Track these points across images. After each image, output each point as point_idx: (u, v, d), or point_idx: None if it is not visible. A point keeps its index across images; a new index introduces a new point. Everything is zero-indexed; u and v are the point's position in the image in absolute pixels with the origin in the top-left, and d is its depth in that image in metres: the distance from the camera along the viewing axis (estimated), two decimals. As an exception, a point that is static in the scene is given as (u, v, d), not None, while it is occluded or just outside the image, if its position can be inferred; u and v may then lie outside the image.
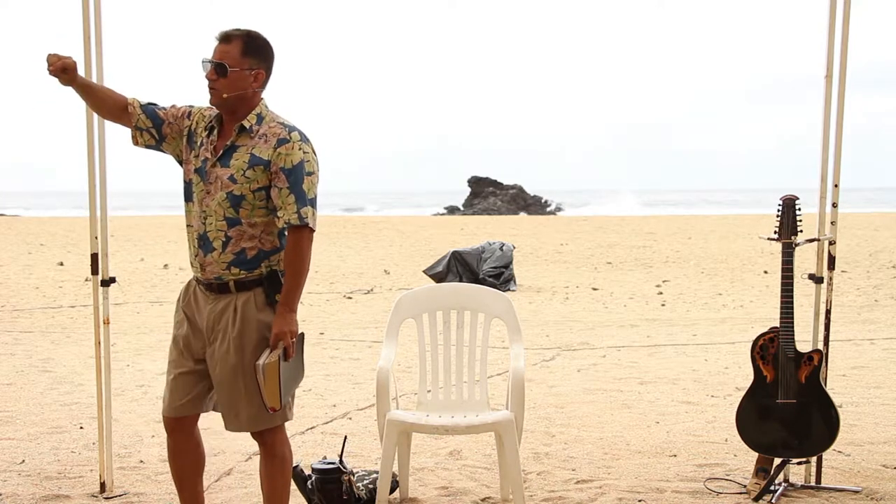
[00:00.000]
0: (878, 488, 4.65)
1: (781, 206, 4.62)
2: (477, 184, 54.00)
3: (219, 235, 3.49)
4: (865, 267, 16.80)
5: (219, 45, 3.48)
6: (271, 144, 3.47)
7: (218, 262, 3.50)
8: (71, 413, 6.31)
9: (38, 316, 11.51)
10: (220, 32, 3.49)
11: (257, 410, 3.52)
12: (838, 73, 4.60)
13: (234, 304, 3.51)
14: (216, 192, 3.47)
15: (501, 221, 36.81)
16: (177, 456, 3.76)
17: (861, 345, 9.13)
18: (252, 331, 3.50)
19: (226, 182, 3.47)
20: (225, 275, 3.50)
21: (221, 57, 3.45)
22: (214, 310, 3.53)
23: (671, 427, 5.94)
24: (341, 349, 9.03)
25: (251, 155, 3.47)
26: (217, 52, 3.47)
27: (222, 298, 3.53)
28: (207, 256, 3.51)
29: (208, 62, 3.46)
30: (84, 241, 15.50)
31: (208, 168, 3.51)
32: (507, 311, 4.75)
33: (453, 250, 15.41)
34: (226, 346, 3.50)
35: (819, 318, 4.74)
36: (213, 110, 3.59)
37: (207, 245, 3.50)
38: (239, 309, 3.50)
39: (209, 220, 3.50)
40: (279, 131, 3.48)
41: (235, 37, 3.47)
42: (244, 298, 3.51)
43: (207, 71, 3.46)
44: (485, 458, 5.26)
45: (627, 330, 10.47)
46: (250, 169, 3.45)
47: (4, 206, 56.75)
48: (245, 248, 3.49)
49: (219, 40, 3.48)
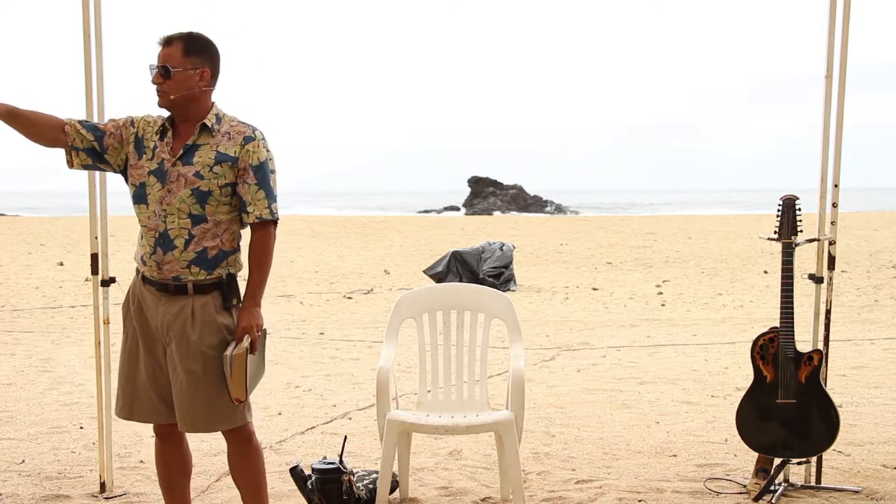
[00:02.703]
0: (878, 488, 4.65)
1: (781, 206, 4.62)
2: (477, 184, 54.04)
3: (181, 233, 3.51)
4: (865, 267, 16.80)
5: (161, 50, 3.54)
6: (237, 142, 3.55)
7: (178, 261, 3.51)
8: (71, 413, 6.31)
9: (38, 316, 11.51)
10: (162, 37, 3.55)
11: (216, 412, 3.56)
12: (838, 73, 4.60)
13: (190, 306, 3.53)
14: (179, 189, 3.50)
15: (501, 221, 36.81)
16: (166, 461, 3.80)
17: (861, 345, 9.13)
18: (212, 333, 3.53)
19: (191, 179, 3.50)
20: (184, 274, 3.52)
21: (164, 60, 3.51)
22: (168, 311, 3.54)
23: (671, 427, 5.94)
24: (341, 349, 9.03)
25: (217, 152, 3.53)
26: (160, 56, 3.53)
27: (177, 300, 3.54)
28: (167, 255, 3.52)
29: (154, 67, 3.52)
30: (84, 241, 15.50)
31: (168, 168, 3.53)
32: (507, 311, 4.75)
33: (453, 250, 15.42)
34: (184, 350, 3.52)
35: (819, 318, 4.74)
36: (158, 118, 3.63)
37: (168, 243, 3.52)
38: (197, 312, 3.52)
39: (170, 219, 3.51)
40: (244, 129, 3.57)
41: (176, 39, 3.53)
42: (202, 301, 3.54)
43: (153, 75, 3.52)
44: (485, 458, 5.26)
45: (627, 330, 10.47)
46: (217, 165, 3.51)
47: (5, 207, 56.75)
48: (207, 247, 3.52)
49: (161, 45, 3.54)
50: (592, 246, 22.65)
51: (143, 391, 3.62)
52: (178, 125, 3.59)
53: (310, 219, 40.24)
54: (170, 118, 3.60)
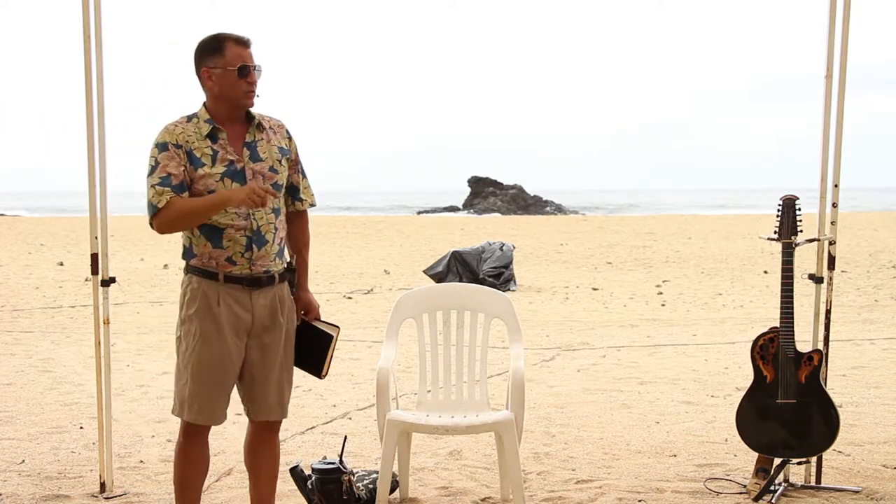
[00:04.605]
0: (878, 488, 4.65)
1: (781, 206, 4.61)
2: (477, 184, 54.04)
3: (269, 228, 3.61)
4: (865, 267, 16.80)
5: (248, 50, 3.59)
6: (283, 134, 3.71)
7: (269, 255, 3.62)
8: (71, 413, 6.31)
9: (38, 316, 11.51)
10: (244, 37, 3.59)
11: (289, 397, 3.76)
12: (838, 73, 4.60)
13: (276, 295, 3.65)
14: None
15: (501, 221, 36.82)
16: (194, 462, 3.75)
17: (861, 345, 9.13)
18: (293, 318, 3.76)
19: (268, 174, 3.61)
20: (272, 266, 3.63)
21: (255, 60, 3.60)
22: (262, 304, 3.62)
23: (671, 427, 5.94)
24: (341, 349, 9.02)
25: (278, 147, 3.66)
26: (251, 56, 3.59)
27: (267, 292, 3.63)
28: (261, 250, 3.59)
29: (259, 67, 3.59)
30: (84, 241, 15.50)
31: (240, 167, 3.58)
32: (507, 311, 4.75)
33: (453, 250, 15.42)
34: (279, 337, 3.66)
35: (819, 318, 4.74)
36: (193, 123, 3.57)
37: (261, 239, 3.59)
38: (283, 300, 3.69)
39: (258, 216, 3.58)
40: (278, 122, 3.74)
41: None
42: (281, 289, 3.69)
43: (258, 75, 3.59)
44: (485, 458, 5.26)
45: (627, 330, 10.47)
46: (283, 158, 3.67)
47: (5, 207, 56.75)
48: (282, 237, 3.70)
49: (246, 45, 3.59)
50: (592, 246, 22.65)
51: (226, 392, 3.66)
52: (226, 125, 3.60)
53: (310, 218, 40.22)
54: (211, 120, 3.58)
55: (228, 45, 3.55)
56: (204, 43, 3.58)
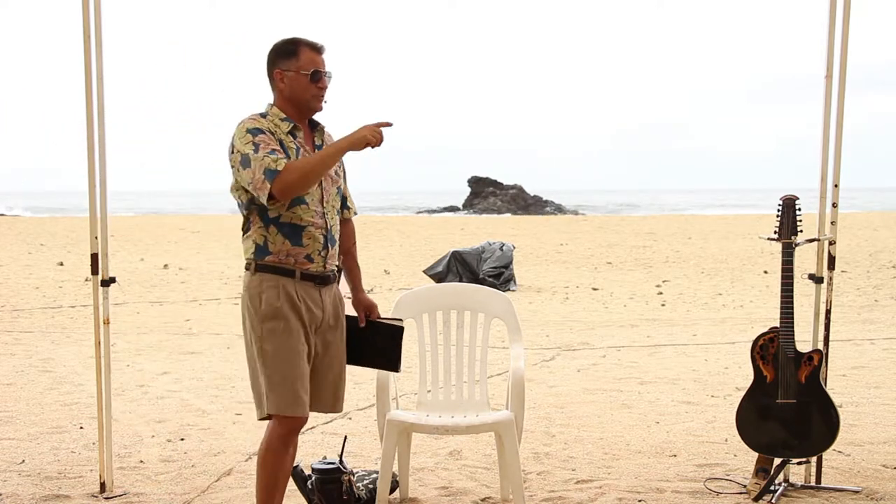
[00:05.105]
0: (878, 488, 4.65)
1: (781, 206, 4.61)
2: (477, 184, 54.02)
3: (336, 228, 3.76)
4: (865, 267, 16.80)
5: (321, 56, 3.68)
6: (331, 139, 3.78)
7: (336, 254, 3.77)
8: (71, 413, 6.31)
9: (38, 316, 11.52)
10: (318, 43, 3.68)
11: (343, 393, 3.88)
12: (838, 73, 4.60)
13: (335, 294, 3.81)
14: (330, 187, 3.72)
15: (501, 221, 36.81)
16: (282, 459, 3.72)
17: (861, 345, 9.13)
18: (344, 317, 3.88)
19: (334, 178, 3.75)
20: (335, 264, 3.78)
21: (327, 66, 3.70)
22: (329, 301, 3.75)
23: (671, 427, 5.94)
24: (341, 349, 9.01)
25: None
26: (324, 62, 3.68)
27: (331, 289, 3.77)
28: (332, 249, 3.73)
29: (330, 74, 3.68)
30: (84, 241, 15.49)
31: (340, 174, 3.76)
32: (507, 311, 4.75)
33: (453, 250, 15.42)
34: (341, 333, 3.83)
35: (819, 318, 4.74)
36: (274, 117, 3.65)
37: (332, 238, 3.73)
38: (342, 298, 3.85)
39: (329, 215, 3.70)
40: (330, 133, 3.81)
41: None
42: (336, 288, 3.83)
43: (329, 81, 3.68)
44: (485, 458, 5.26)
45: (627, 330, 10.47)
46: (340, 166, 3.80)
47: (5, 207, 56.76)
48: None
49: (322, 51, 3.68)
50: (592, 246, 22.65)
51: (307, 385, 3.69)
52: (302, 126, 3.70)
53: (310, 219, 40.20)
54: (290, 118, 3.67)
55: (303, 50, 3.65)
56: (279, 45, 3.68)
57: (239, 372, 7.84)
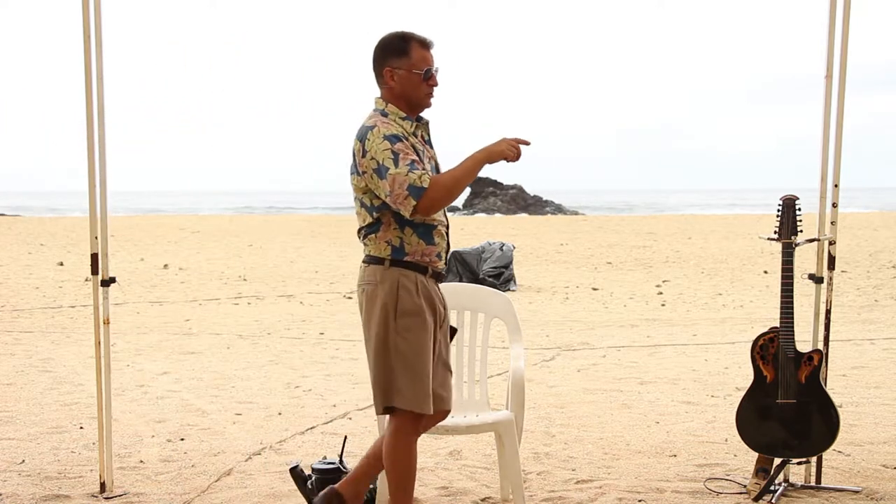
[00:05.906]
0: (878, 488, 4.65)
1: (781, 206, 4.61)
2: (477, 184, 53.99)
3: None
4: (865, 267, 16.80)
5: (431, 53, 3.62)
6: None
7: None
8: (71, 413, 6.31)
9: (38, 316, 11.51)
10: (428, 39, 3.61)
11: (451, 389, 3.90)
12: (838, 73, 4.60)
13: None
14: None
15: (501, 221, 36.81)
16: (414, 455, 3.73)
17: (861, 345, 9.13)
18: None
19: None
20: None
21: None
22: (443, 298, 3.80)
23: (671, 427, 5.94)
24: (341, 349, 9.02)
25: None
26: (433, 59, 3.61)
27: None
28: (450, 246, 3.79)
29: (438, 69, 3.62)
30: (84, 241, 15.50)
31: (435, 164, 3.73)
32: (507, 311, 4.75)
33: (453, 250, 15.42)
34: (447, 330, 3.85)
35: (819, 318, 4.74)
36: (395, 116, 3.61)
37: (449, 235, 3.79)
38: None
39: (439, 215, 3.71)
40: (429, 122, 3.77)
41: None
42: None
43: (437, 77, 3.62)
44: (485, 458, 5.26)
45: (627, 330, 10.47)
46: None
47: (5, 207, 56.76)
48: None
49: (431, 47, 3.61)
50: (592, 246, 22.65)
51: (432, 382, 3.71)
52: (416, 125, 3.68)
53: (311, 218, 40.25)
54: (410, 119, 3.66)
55: (414, 47, 3.57)
56: (388, 41, 3.59)
57: (239, 372, 7.84)
